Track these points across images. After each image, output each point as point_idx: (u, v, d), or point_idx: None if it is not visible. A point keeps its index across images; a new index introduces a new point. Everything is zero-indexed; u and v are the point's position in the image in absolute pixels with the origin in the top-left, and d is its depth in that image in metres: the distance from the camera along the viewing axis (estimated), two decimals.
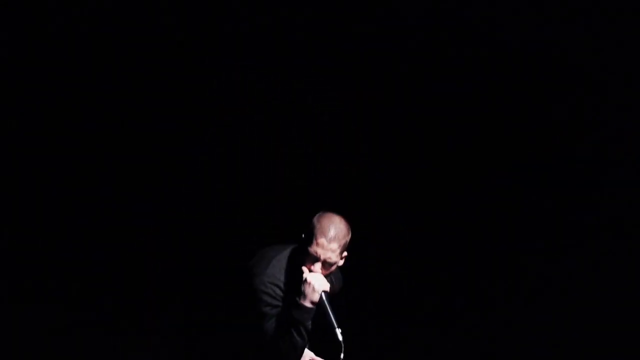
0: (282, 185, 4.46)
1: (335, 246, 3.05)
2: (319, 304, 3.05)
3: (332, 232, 3.04)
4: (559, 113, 4.43)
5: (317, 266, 3.07)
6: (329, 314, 3.04)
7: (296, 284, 3.08)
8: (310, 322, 3.07)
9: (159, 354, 4.28)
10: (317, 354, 3.27)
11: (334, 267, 3.12)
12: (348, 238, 3.09)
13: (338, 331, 3.00)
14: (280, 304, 3.10)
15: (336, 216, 3.09)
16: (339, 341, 2.98)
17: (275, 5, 4.30)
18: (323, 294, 3.05)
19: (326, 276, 3.10)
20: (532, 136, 4.47)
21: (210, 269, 4.31)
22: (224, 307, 3.38)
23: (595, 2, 4.19)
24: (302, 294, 3.05)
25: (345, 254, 3.13)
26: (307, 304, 3.04)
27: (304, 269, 3.08)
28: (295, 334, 3.04)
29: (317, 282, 3.05)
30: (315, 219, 3.09)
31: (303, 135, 4.48)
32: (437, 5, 4.31)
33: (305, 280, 3.06)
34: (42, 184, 4.21)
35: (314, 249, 3.04)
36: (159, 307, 4.36)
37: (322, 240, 3.03)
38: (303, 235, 3.11)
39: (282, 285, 3.12)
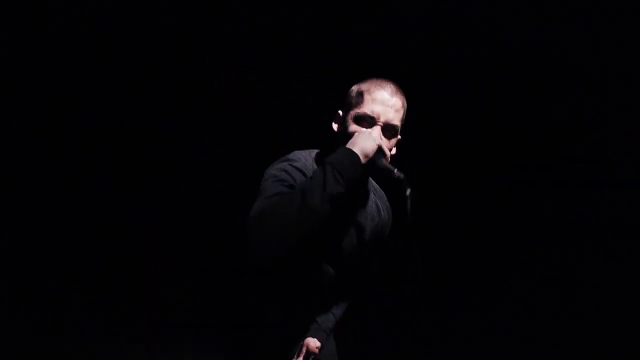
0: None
1: (398, 102, 2.20)
2: (369, 162, 2.12)
3: (390, 85, 2.21)
4: (559, 113, 4.44)
5: (376, 129, 2.17)
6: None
7: None
8: (350, 180, 2.07)
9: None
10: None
11: (393, 143, 2.23)
12: (406, 106, 2.25)
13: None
14: (293, 183, 2.16)
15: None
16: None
17: (275, 5, 4.31)
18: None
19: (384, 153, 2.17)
20: (532, 136, 4.47)
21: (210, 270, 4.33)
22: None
23: (596, 2, 4.20)
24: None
25: (399, 137, 2.26)
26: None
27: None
28: (325, 183, 2.02)
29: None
30: (357, 83, 2.25)
31: (303, 135, 4.48)
32: (437, 5, 4.31)
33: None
34: (42, 184, 4.22)
35: (370, 106, 2.17)
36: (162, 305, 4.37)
37: (381, 93, 2.18)
38: (340, 112, 2.26)
39: (306, 170, 2.22)
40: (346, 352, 2.66)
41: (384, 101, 2.17)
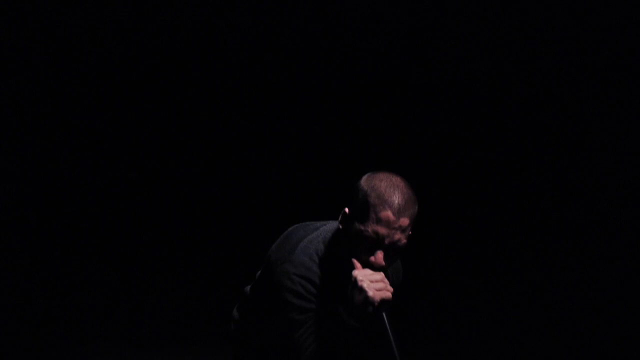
0: (282, 186, 4.47)
1: (405, 220, 2.05)
2: (374, 322, 2.05)
3: (399, 199, 2.05)
4: (559, 113, 4.45)
5: (379, 256, 2.06)
6: (389, 337, 2.02)
7: (339, 278, 2.11)
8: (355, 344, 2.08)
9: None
10: None
11: (398, 257, 2.16)
12: (417, 207, 2.11)
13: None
14: (311, 306, 2.11)
15: (396, 176, 2.11)
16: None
17: (275, 5, 4.32)
18: (383, 307, 2.04)
19: (386, 271, 2.13)
20: (532, 136, 4.48)
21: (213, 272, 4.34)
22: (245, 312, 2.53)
23: (596, 2, 4.20)
24: (350, 305, 2.03)
25: (410, 232, 2.12)
26: (354, 322, 2.03)
27: (355, 262, 2.08)
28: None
29: (372, 289, 2.03)
30: (365, 185, 2.08)
31: (304, 135, 4.49)
32: (440, 4, 4.32)
33: (356, 283, 2.03)
34: (42, 183, 4.23)
35: (374, 227, 2.04)
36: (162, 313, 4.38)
37: (386, 215, 2.03)
38: (346, 210, 2.11)
39: (316, 279, 2.13)
40: None
41: (390, 223, 2.04)
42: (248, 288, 2.43)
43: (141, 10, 4.17)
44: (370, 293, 2.00)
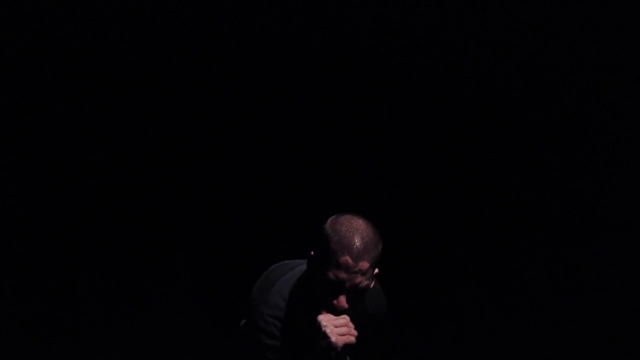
0: (282, 187, 4.46)
1: (365, 264, 2.12)
2: None
3: (357, 244, 2.11)
4: (559, 113, 4.44)
5: (342, 300, 2.13)
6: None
7: (308, 318, 2.18)
8: None
9: None
10: None
11: (362, 296, 2.23)
12: (380, 248, 2.18)
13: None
14: (281, 344, 2.21)
15: (358, 218, 2.19)
16: None
17: (275, 5, 4.31)
18: (347, 349, 2.12)
19: (354, 306, 2.19)
20: (532, 136, 4.47)
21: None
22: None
23: (596, 2, 4.20)
24: (316, 351, 2.12)
25: (376, 270, 2.22)
26: None
27: (320, 316, 2.15)
28: None
29: (335, 334, 2.10)
30: (328, 228, 2.16)
31: (303, 135, 4.48)
32: (443, 3, 4.31)
33: (320, 327, 2.11)
34: (41, 183, 4.22)
35: (335, 273, 2.11)
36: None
37: (345, 260, 2.10)
38: (312, 253, 2.20)
39: (287, 319, 2.22)
40: None
41: (349, 267, 2.10)
42: (243, 323, 2.52)
43: (140, 9, 4.17)
44: (333, 339, 2.08)
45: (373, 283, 2.22)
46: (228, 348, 2.51)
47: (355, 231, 2.13)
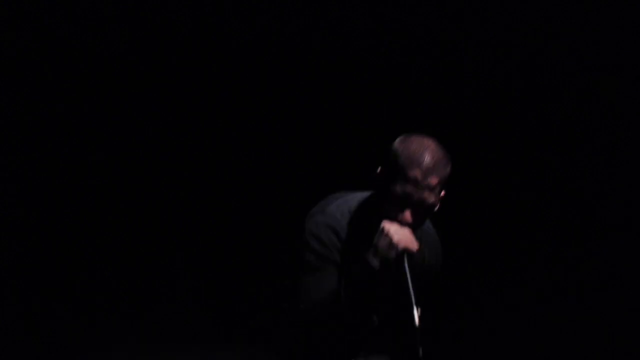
0: (282, 187, 4.46)
1: (434, 180, 2.10)
2: (394, 268, 2.10)
3: (428, 160, 2.10)
4: (559, 113, 4.44)
5: (407, 214, 2.12)
6: (407, 284, 2.07)
7: (366, 236, 2.15)
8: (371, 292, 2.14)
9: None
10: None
11: (428, 216, 2.21)
12: (449, 170, 2.16)
13: (416, 312, 2.07)
14: (331, 256, 2.18)
15: (429, 138, 2.17)
16: (416, 327, 2.07)
17: (275, 5, 4.31)
18: (405, 255, 2.09)
19: (416, 233, 2.17)
20: (531, 136, 4.47)
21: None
22: None
23: (596, 2, 4.20)
24: (373, 248, 2.11)
25: (443, 193, 2.19)
26: (376, 263, 2.10)
27: (385, 221, 2.12)
28: (343, 302, 2.11)
29: (398, 235, 2.10)
30: (397, 145, 2.15)
31: (303, 135, 4.48)
32: (443, 4, 4.31)
33: (382, 229, 2.11)
34: (41, 183, 4.22)
35: (402, 187, 2.09)
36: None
37: (414, 173, 2.08)
38: (378, 170, 2.20)
39: (342, 231, 2.21)
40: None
41: (417, 182, 2.08)
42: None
43: (140, 9, 4.17)
44: (396, 237, 2.08)
45: (438, 206, 2.18)
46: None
47: (425, 148, 2.12)
